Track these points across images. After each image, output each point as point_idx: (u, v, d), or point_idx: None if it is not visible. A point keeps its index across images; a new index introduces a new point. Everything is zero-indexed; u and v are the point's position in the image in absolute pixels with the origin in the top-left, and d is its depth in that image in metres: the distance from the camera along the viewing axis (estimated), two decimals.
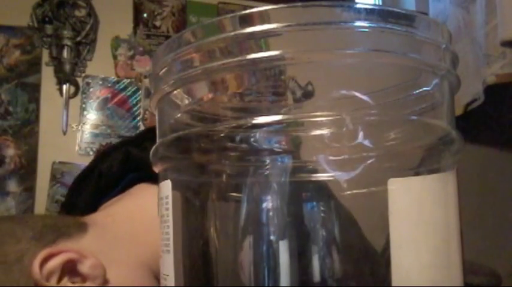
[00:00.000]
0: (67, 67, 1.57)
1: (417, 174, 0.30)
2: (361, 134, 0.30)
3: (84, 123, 1.61)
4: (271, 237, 0.31)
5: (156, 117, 0.35)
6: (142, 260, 0.51)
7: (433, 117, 0.33)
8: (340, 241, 0.32)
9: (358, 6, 0.29)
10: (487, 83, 1.06)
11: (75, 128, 1.60)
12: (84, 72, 1.63)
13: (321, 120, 0.31)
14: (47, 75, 1.59)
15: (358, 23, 0.29)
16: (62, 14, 1.61)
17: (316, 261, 0.31)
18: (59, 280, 0.46)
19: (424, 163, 0.33)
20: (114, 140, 1.62)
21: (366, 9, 0.29)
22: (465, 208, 0.34)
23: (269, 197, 0.32)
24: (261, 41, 0.28)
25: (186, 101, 0.33)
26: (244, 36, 0.28)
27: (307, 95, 0.35)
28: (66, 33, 1.58)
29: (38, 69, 1.58)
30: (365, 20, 0.29)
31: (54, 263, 0.45)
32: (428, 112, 0.33)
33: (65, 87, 1.59)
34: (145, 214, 0.48)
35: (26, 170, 1.53)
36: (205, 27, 0.31)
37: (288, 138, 0.32)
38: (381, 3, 1.74)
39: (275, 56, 0.28)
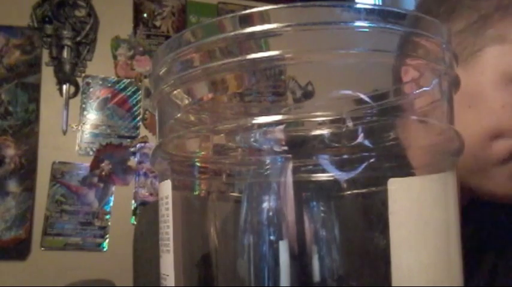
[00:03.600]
0: (67, 67, 1.58)
1: (417, 174, 0.30)
2: (361, 134, 0.30)
3: (84, 123, 1.61)
4: (271, 237, 0.31)
5: (156, 117, 0.35)
6: None
7: (433, 117, 0.33)
8: (340, 241, 0.32)
9: (358, 6, 0.29)
10: None
11: (75, 128, 1.60)
12: (84, 72, 1.63)
13: (321, 120, 0.31)
14: (47, 75, 1.59)
15: (358, 23, 0.29)
16: (62, 14, 1.61)
17: (316, 261, 0.31)
18: None
19: (424, 163, 0.33)
20: (114, 140, 1.62)
21: (365, 9, 0.29)
22: None
23: (269, 197, 0.32)
24: (261, 41, 0.28)
25: (186, 101, 0.33)
26: (244, 36, 0.28)
27: (307, 95, 0.35)
28: (66, 33, 1.59)
29: (38, 69, 1.58)
30: (365, 20, 0.29)
31: None
32: (428, 112, 0.33)
33: (65, 87, 1.59)
34: None
35: (26, 170, 1.53)
36: (205, 27, 0.30)
37: (288, 139, 0.32)
38: (380, 3, 1.74)
39: (275, 56, 0.28)
